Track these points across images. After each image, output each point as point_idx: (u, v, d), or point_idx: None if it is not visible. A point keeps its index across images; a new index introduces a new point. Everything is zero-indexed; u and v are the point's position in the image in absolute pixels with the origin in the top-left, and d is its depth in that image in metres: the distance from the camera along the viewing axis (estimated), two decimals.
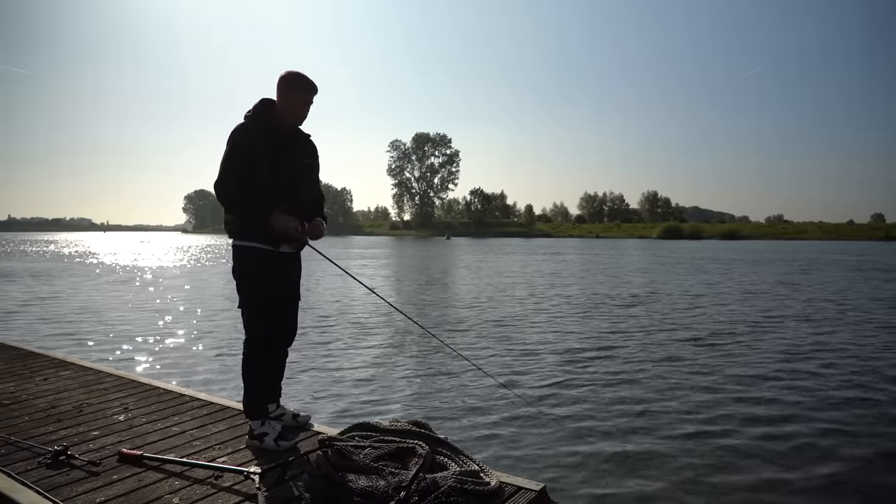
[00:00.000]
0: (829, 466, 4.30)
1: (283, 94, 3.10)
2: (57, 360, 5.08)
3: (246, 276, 3.09)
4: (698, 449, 4.61)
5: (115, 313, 11.87)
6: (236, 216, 3.06)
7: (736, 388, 6.32)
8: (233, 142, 3.00)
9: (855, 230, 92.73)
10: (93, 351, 8.12)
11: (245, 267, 3.09)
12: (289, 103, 3.11)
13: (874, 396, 6.02)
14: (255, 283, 3.08)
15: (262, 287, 3.07)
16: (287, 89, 3.10)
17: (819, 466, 4.30)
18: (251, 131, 3.02)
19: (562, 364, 7.43)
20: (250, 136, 3.00)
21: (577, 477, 4.09)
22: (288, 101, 3.11)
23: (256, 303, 3.10)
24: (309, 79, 3.13)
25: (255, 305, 3.10)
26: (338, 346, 8.48)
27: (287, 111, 3.12)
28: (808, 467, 4.29)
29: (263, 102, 3.12)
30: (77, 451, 2.94)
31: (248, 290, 3.10)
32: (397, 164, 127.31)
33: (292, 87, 3.10)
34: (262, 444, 3.03)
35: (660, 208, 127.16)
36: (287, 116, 3.13)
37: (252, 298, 3.10)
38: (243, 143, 2.98)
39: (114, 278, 20.92)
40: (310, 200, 3.26)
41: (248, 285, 3.10)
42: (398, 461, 2.70)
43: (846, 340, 9.05)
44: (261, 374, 3.17)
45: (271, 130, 3.06)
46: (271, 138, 3.04)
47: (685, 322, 10.95)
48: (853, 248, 50.76)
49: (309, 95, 3.14)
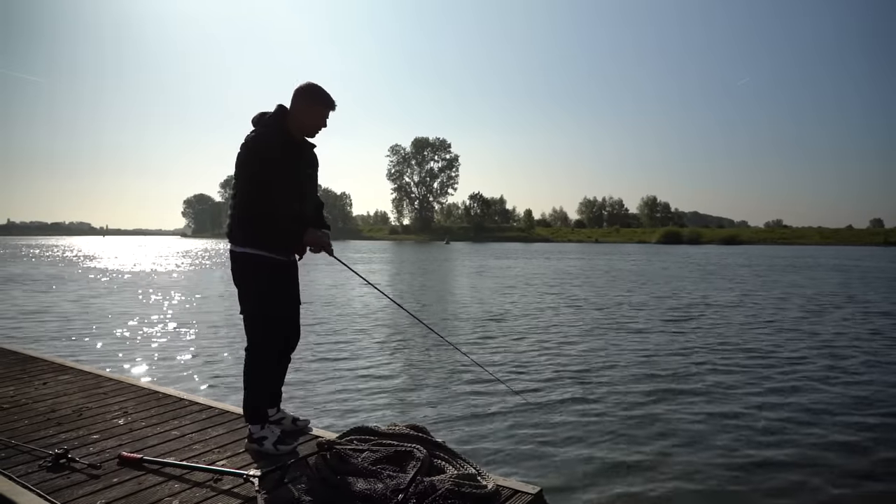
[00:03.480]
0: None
1: (303, 106, 3.09)
2: (56, 364, 5.09)
3: (249, 283, 3.10)
4: (698, 456, 4.62)
5: (114, 317, 11.88)
6: (264, 228, 3.02)
7: (741, 394, 6.34)
8: (255, 153, 2.98)
9: (854, 235, 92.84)
10: (92, 355, 8.13)
11: (248, 274, 3.09)
12: (307, 116, 3.10)
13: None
14: (257, 290, 3.08)
15: (265, 294, 3.08)
16: (309, 101, 3.09)
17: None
18: (271, 146, 3.00)
19: (563, 368, 7.43)
20: (272, 147, 2.99)
21: (574, 481, 4.11)
22: (307, 113, 3.09)
23: (259, 310, 3.10)
24: (329, 95, 3.12)
25: (257, 313, 3.11)
26: (335, 350, 8.49)
27: (303, 123, 3.11)
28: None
29: (281, 110, 3.11)
30: (77, 454, 2.96)
31: (250, 298, 3.11)
32: (397, 169, 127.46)
33: (315, 100, 3.09)
34: (262, 448, 3.05)
35: (659, 213, 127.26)
36: (300, 127, 3.12)
37: (254, 306, 3.10)
38: (266, 154, 2.97)
39: (113, 282, 20.93)
40: (314, 208, 3.31)
41: (250, 292, 3.10)
42: (396, 464, 2.72)
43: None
44: (262, 381, 3.18)
45: (287, 142, 3.08)
46: (286, 149, 3.06)
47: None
48: (858, 254, 50.72)
49: (328, 111, 3.15)
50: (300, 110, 3.10)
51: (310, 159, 3.29)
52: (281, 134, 3.06)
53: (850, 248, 69.63)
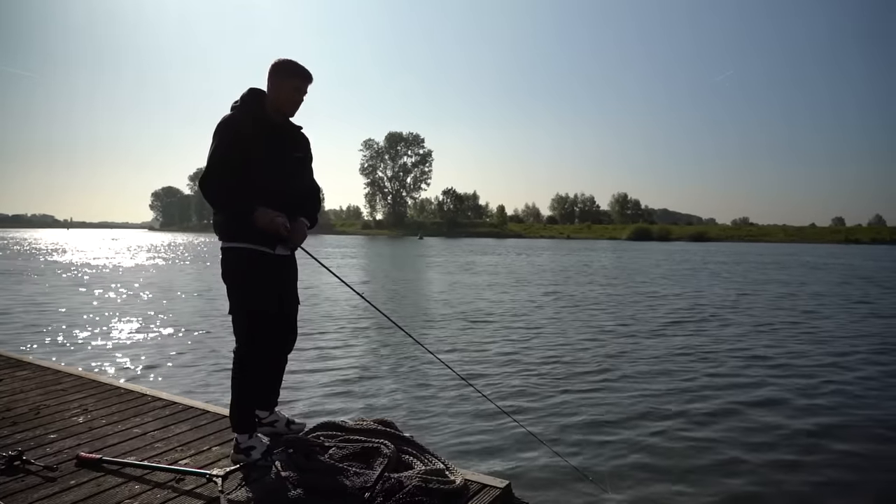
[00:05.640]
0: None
1: (274, 82, 2.93)
2: (13, 359, 4.92)
3: (238, 280, 2.89)
4: (668, 448, 4.70)
5: (78, 312, 11.57)
6: (221, 211, 2.86)
7: (713, 389, 6.46)
8: (220, 133, 2.83)
9: (817, 233, 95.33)
10: (52, 350, 7.90)
11: (237, 271, 2.89)
12: (279, 91, 2.94)
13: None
14: (247, 287, 2.87)
15: (255, 292, 2.86)
16: (278, 76, 2.93)
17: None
18: (239, 122, 2.85)
19: (531, 363, 7.49)
20: (238, 126, 2.83)
21: (542, 474, 4.14)
22: (279, 88, 2.93)
23: (249, 310, 2.88)
24: (302, 66, 2.95)
25: (247, 312, 2.89)
26: (300, 343, 8.39)
27: (277, 100, 2.95)
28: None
29: (252, 92, 2.96)
30: (33, 455, 2.85)
31: (240, 296, 2.89)
32: (370, 164, 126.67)
33: (284, 73, 2.93)
34: (249, 460, 2.80)
35: (630, 210, 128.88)
36: (277, 106, 2.95)
37: (244, 305, 2.89)
38: (230, 134, 2.81)
39: (77, 276, 20.39)
40: (304, 193, 3.10)
41: (240, 290, 2.89)
42: (363, 461, 2.70)
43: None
44: (251, 385, 2.95)
45: (260, 121, 2.90)
46: (260, 129, 2.88)
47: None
48: (825, 251, 52.16)
49: (301, 82, 2.97)
50: (275, 87, 2.94)
51: (298, 142, 3.09)
52: (256, 117, 2.89)
53: (815, 245, 71.39)
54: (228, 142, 2.81)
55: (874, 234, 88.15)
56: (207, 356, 7.62)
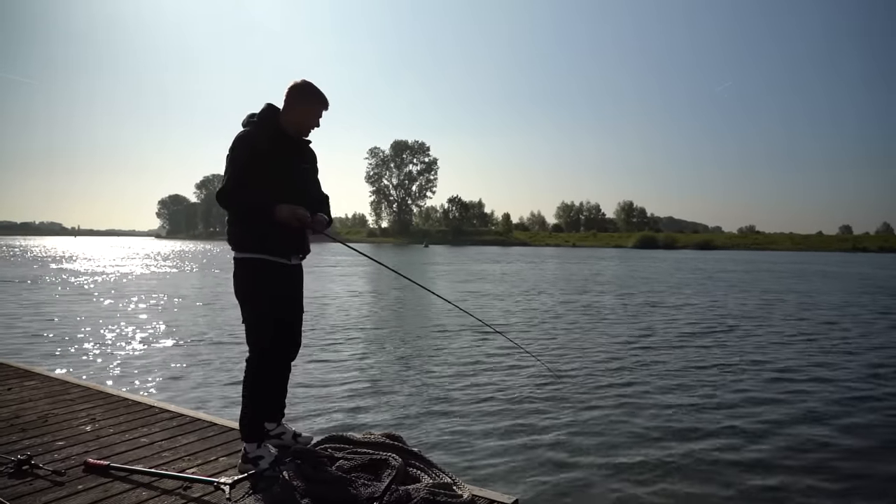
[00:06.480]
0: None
1: (297, 103, 3.01)
2: (22, 370, 4.94)
3: (253, 290, 2.94)
4: (681, 465, 4.59)
5: (85, 323, 11.63)
6: (241, 217, 2.93)
7: (727, 410, 6.40)
8: (237, 147, 2.91)
9: (824, 241, 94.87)
10: (61, 361, 7.93)
11: (252, 281, 2.94)
12: (301, 114, 3.02)
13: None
14: (263, 297, 2.93)
15: (271, 301, 2.93)
16: (303, 99, 3.02)
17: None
18: (256, 137, 2.93)
19: (543, 378, 7.40)
20: (255, 142, 2.91)
21: (550, 491, 4.09)
22: (301, 111, 3.02)
23: (265, 318, 2.94)
24: (322, 93, 3.06)
25: (262, 321, 2.94)
26: (306, 354, 8.39)
27: (296, 121, 3.03)
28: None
29: (269, 108, 3.04)
30: (41, 460, 2.87)
31: (255, 306, 2.94)
32: (375, 172, 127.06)
33: (309, 97, 3.02)
34: (257, 469, 2.81)
35: (635, 218, 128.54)
36: (294, 126, 3.04)
37: (260, 314, 2.94)
38: (248, 150, 2.89)
39: (85, 286, 20.50)
40: (317, 201, 3.19)
41: (254, 300, 2.94)
42: (371, 472, 2.69)
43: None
44: (264, 393, 3.01)
45: (275, 138, 2.97)
46: (275, 145, 2.96)
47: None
48: (834, 260, 51.83)
49: (321, 108, 3.07)
50: (294, 108, 3.02)
51: (305, 155, 3.17)
52: (271, 128, 2.98)
53: (823, 253, 70.96)
54: (244, 155, 2.89)
55: (882, 243, 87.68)
56: (217, 369, 7.60)
